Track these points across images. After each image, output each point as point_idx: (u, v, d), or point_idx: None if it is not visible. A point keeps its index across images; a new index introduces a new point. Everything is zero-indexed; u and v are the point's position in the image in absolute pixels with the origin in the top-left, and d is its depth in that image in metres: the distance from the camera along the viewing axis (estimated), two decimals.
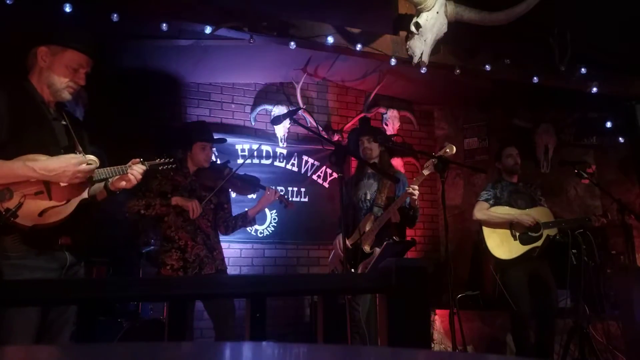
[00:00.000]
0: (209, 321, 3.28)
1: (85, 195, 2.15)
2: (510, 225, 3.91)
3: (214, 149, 4.53)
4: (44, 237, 2.02)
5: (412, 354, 0.79)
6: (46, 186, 2.02)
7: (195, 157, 3.29)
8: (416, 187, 3.38)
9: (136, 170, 2.26)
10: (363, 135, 3.71)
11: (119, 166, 2.24)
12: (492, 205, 3.98)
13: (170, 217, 3.16)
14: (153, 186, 3.12)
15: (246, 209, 3.45)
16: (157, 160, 2.42)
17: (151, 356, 0.70)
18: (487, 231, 3.95)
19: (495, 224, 3.94)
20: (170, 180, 3.17)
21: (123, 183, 2.26)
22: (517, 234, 3.89)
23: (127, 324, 3.58)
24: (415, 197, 3.41)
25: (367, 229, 3.49)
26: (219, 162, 4.18)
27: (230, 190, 3.58)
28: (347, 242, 3.46)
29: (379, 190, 3.59)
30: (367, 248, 3.47)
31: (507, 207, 3.95)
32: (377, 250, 3.53)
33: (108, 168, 2.21)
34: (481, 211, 3.96)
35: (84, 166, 2.04)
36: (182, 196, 3.15)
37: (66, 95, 2.16)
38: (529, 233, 3.85)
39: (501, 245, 3.90)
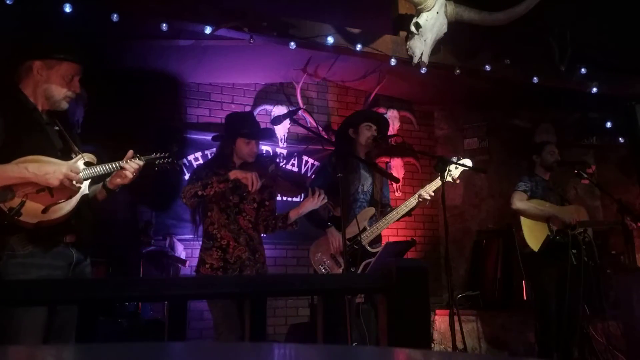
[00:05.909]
0: (208, 321, 3.27)
1: (86, 190, 2.18)
2: (548, 219, 3.86)
3: None
4: (49, 234, 2.05)
5: (412, 354, 0.79)
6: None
7: (239, 151, 3.13)
8: (431, 192, 3.35)
9: (130, 164, 2.25)
10: (370, 120, 3.57)
11: (112, 163, 2.24)
12: (529, 197, 3.93)
13: (214, 213, 3.02)
14: (202, 176, 3.00)
15: (288, 211, 3.26)
16: (153, 155, 2.41)
17: (151, 356, 0.70)
18: (525, 222, 3.86)
19: (533, 216, 3.87)
20: (216, 175, 3.01)
21: (119, 180, 2.26)
22: (555, 229, 3.83)
23: (127, 324, 3.58)
24: (428, 201, 3.37)
25: (367, 224, 3.40)
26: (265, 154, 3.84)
27: (274, 189, 3.38)
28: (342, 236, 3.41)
29: (374, 183, 3.56)
30: (369, 247, 3.36)
31: (544, 201, 3.91)
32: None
33: (102, 165, 2.22)
34: (522, 201, 3.89)
35: (72, 173, 2.07)
36: (229, 189, 2.99)
37: (64, 105, 2.22)
38: (567, 230, 3.79)
39: (539, 238, 3.82)
